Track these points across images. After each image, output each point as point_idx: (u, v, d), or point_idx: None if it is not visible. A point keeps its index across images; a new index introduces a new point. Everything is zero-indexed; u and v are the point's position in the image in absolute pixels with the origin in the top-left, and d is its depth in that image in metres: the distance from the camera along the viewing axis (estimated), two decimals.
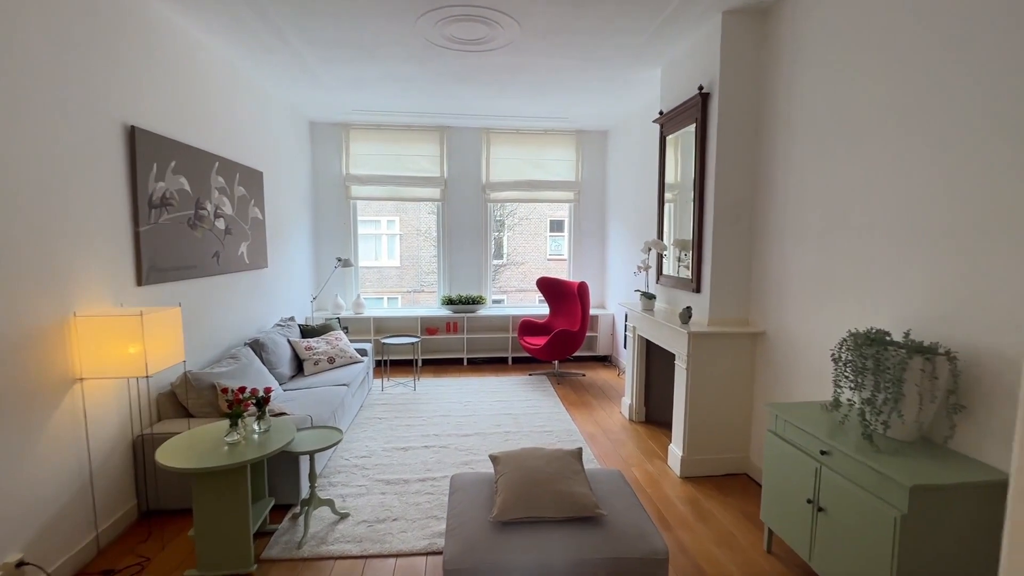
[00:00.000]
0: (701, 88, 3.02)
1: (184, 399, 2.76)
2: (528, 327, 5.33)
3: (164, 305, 2.78)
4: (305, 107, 4.92)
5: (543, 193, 5.92)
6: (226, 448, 2.16)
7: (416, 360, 5.42)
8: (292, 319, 4.37)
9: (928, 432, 1.87)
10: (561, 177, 5.92)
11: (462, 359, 5.74)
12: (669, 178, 3.61)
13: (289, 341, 4.01)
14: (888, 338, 1.89)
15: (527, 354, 5.72)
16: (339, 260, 5.15)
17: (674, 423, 3.17)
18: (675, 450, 3.12)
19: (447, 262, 5.87)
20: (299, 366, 4.02)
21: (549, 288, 5.47)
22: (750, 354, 3.01)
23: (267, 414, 2.38)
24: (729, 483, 2.96)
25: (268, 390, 2.40)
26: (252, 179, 3.95)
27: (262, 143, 4.21)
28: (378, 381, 4.95)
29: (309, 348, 4.05)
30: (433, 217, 6.14)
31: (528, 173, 5.84)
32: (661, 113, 3.65)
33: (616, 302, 5.62)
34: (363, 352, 4.52)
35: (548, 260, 14.12)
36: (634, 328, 3.92)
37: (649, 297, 3.64)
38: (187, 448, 2.15)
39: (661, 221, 3.71)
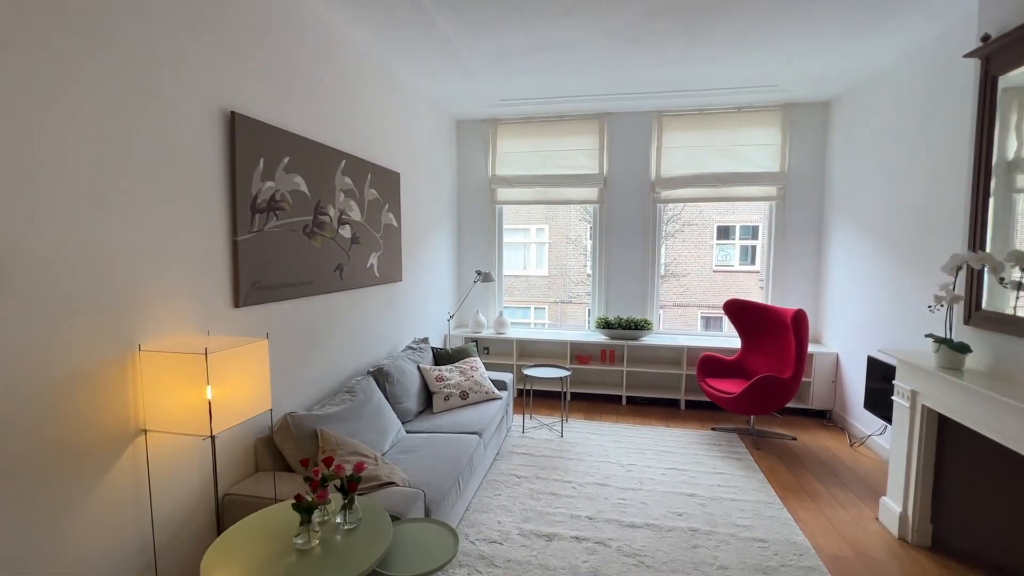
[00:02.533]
0: None
1: (283, 448, 2.22)
2: (711, 365, 4.03)
3: (265, 331, 2.28)
4: (448, 102, 4.38)
5: (735, 189, 4.55)
6: (292, 557, 1.47)
7: (564, 396, 4.49)
8: (426, 341, 3.80)
9: None
10: (760, 168, 4.48)
11: (620, 397, 4.66)
12: (1009, 152, 2.10)
13: (419, 368, 3.41)
14: None
15: (707, 399, 4.40)
16: (478, 274, 4.50)
17: None
18: None
19: (603, 277, 4.86)
20: (428, 399, 3.39)
21: (743, 314, 4.09)
22: None
23: (355, 505, 1.65)
24: None
25: (360, 467, 1.68)
26: (387, 181, 3.45)
27: (400, 141, 3.72)
28: (518, 418, 4.15)
29: (440, 379, 3.40)
30: (585, 224, 5.18)
31: (713, 164, 4.54)
32: (985, 40, 2.16)
33: (842, 340, 3.99)
34: (502, 385, 3.75)
35: (714, 272, 12.17)
36: (914, 393, 2.43)
37: (957, 348, 2.16)
38: (247, 545, 1.51)
39: (981, 224, 2.20)
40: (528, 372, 3.92)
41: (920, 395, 2.39)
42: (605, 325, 4.62)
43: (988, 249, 2.16)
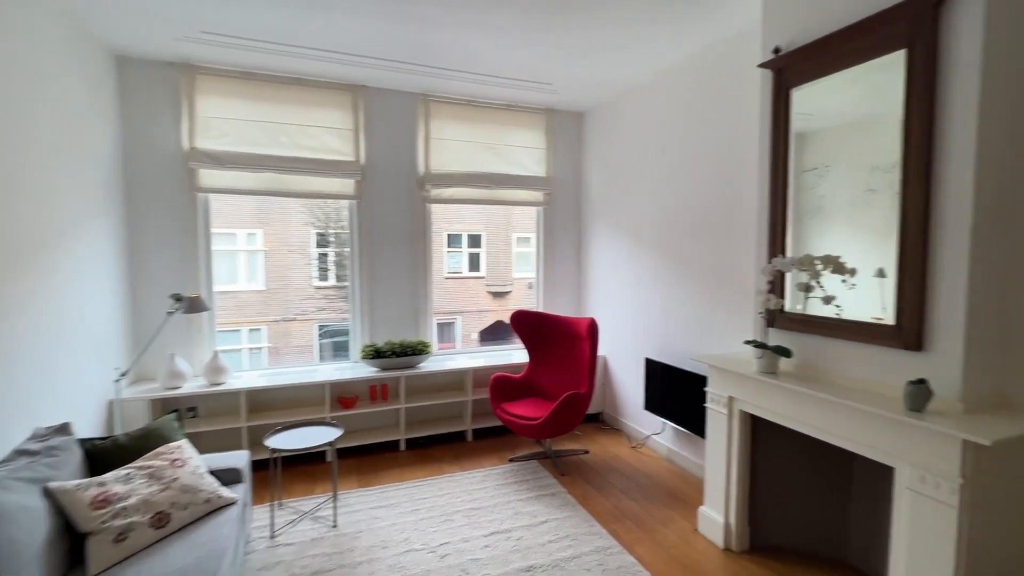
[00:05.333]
0: None
1: None
2: (505, 388, 3.56)
3: None
4: (100, 18, 2.62)
5: (506, 192, 4.22)
6: None
7: (334, 467, 3.30)
8: (64, 430, 2.05)
9: None
10: (528, 171, 4.29)
11: (398, 442, 3.73)
12: (807, 158, 2.20)
13: (49, 492, 1.74)
14: None
15: (499, 423, 3.92)
16: (177, 300, 2.85)
17: None
18: None
19: (366, 293, 3.84)
20: (77, 549, 1.77)
21: (532, 326, 3.77)
22: None
23: None
24: None
25: None
26: None
27: None
28: (263, 513, 2.76)
29: (105, 500, 1.82)
30: (311, 229, 4.08)
31: (484, 163, 4.11)
32: (776, 52, 2.25)
33: (609, 344, 4.12)
34: (232, 476, 2.34)
35: (445, 279, 12.32)
36: (731, 400, 2.41)
37: (781, 353, 2.17)
38: None
39: (782, 231, 2.29)
40: (274, 444, 2.60)
41: (737, 400, 2.39)
42: (375, 355, 3.62)
43: (790, 253, 2.25)
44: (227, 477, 2.29)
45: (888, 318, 1.85)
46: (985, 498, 1.56)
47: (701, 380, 2.87)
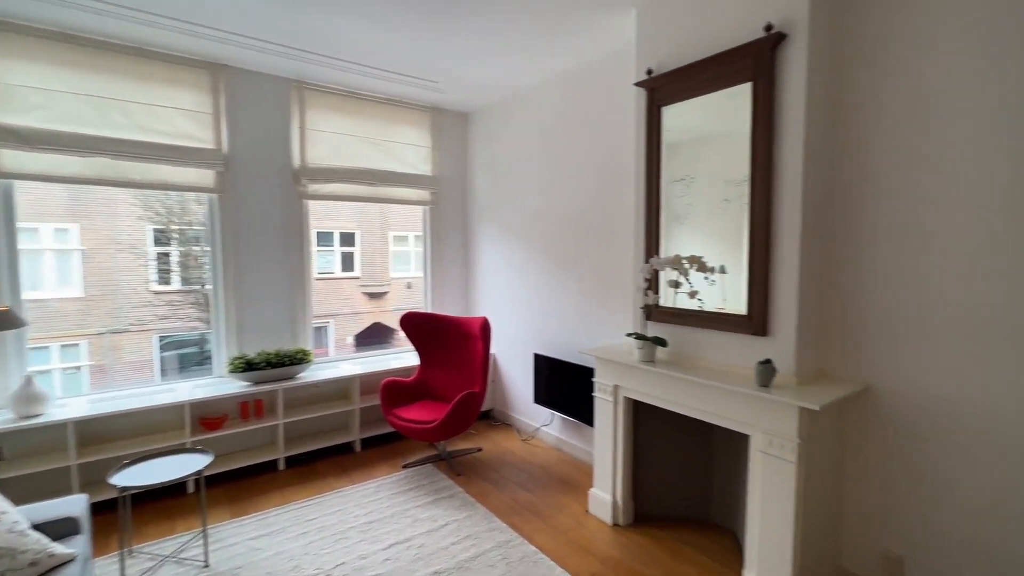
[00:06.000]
0: (770, 27, 1.99)
1: None
2: (396, 393, 3.44)
3: None
4: None
5: (391, 190, 4.07)
6: None
7: (201, 499, 2.89)
8: None
9: None
10: (415, 169, 4.19)
11: (276, 462, 3.38)
12: (676, 170, 2.48)
13: None
14: None
15: (385, 431, 3.78)
16: None
17: (756, 546, 2.03)
18: None
19: (231, 299, 3.41)
20: None
21: (423, 329, 3.69)
22: (841, 423, 2.11)
23: None
24: None
25: None
26: None
27: None
28: (110, 566, 2.30)
29: None
30: (145, 224, 3.60)
31: (367, 159, 3.92)
32: (649, 73, 2.50)
33: (498, 341, 4.22)
34: (66, 528, 1.91)
35: (316, 280, 11.49)
36: (616, 387, 2.63)
37: (658, 343, 2.42)
38: None
39: (655, 232, 2.55)
40: (123, 481, 2.18)
41: (621, 388, 2.61)
42: (247, 367, 3.24)
43: (663, 252, 2.52)
44: (60, 529, 1.87)
45: (742, 309, 2.18)
46: (812, 453, 1.93)
47: (587, 371, 3.09)
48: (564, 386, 3.48)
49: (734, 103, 2.17)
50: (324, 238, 11.18)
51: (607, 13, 2.63)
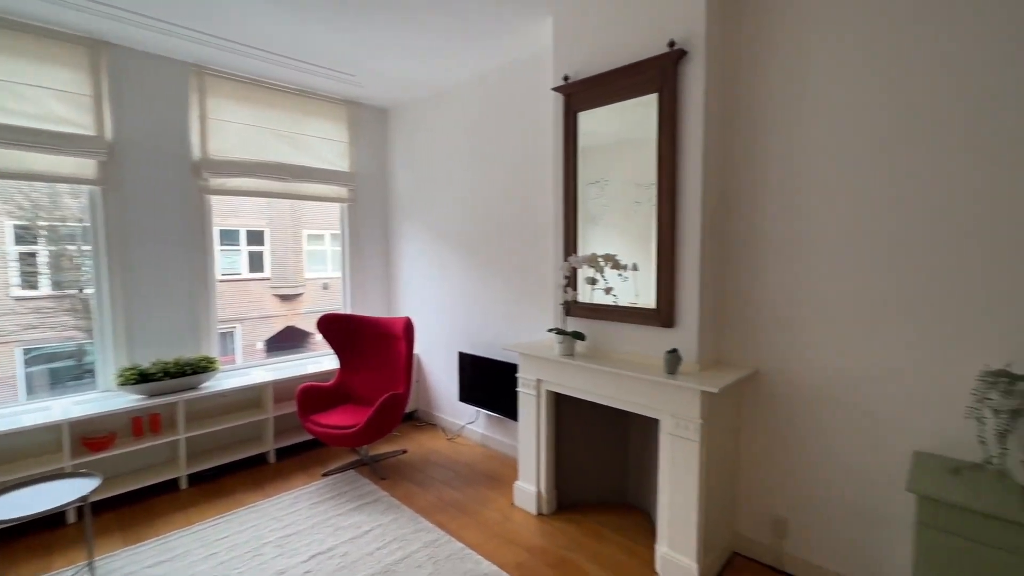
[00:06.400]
0: (673, 44, 2.17)
1: None
2: (314, 398, 3.29)
3: None
4: None
5: (305, 186, 3.88)
6: None
7: (86, 526, 2.57)
8: None
9: None
10: (331, 165, 4.02)
11: (176, 480, 3.09)
12: (592, 173, 2.60)
13: None
14: None
15: (302, 440, 3.60)
16: None
17: (667, 521, 2.20)
18: (686, 562, 2.15)
19: (119, 303, 3.07)
20: None
21: (343, 331, 3.56)
22: (736, 404, 2.35)
23: None
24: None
25: None
26: None
27: None
28: None
29: None
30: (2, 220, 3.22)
31: (278, 152, 3.70)
32: (566, 79, 2.61)
33: (421, 341, 4.18)
34: None
35: (220, 282, 10.64)
36: (539, 381, 2.72)
37: (577, 337, 2.54)
38: None
39: (573, 232, 2.67)
40: None
41: (544, 382, 2.71)
42: (140, 378, 2.93)
43: (580, 251, 2.65)
44: None
45: (652, 303, 2.35)
46: (712, 432, 2.13)
47: (511, 368, 3.16)
48: (489, 383, 3.53)
49: (644, 112, 2.33)
50: (229, 236, 10.37)
51: (524, 19, 2.71)
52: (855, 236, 2.00)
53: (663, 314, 2.30)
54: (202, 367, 3.18)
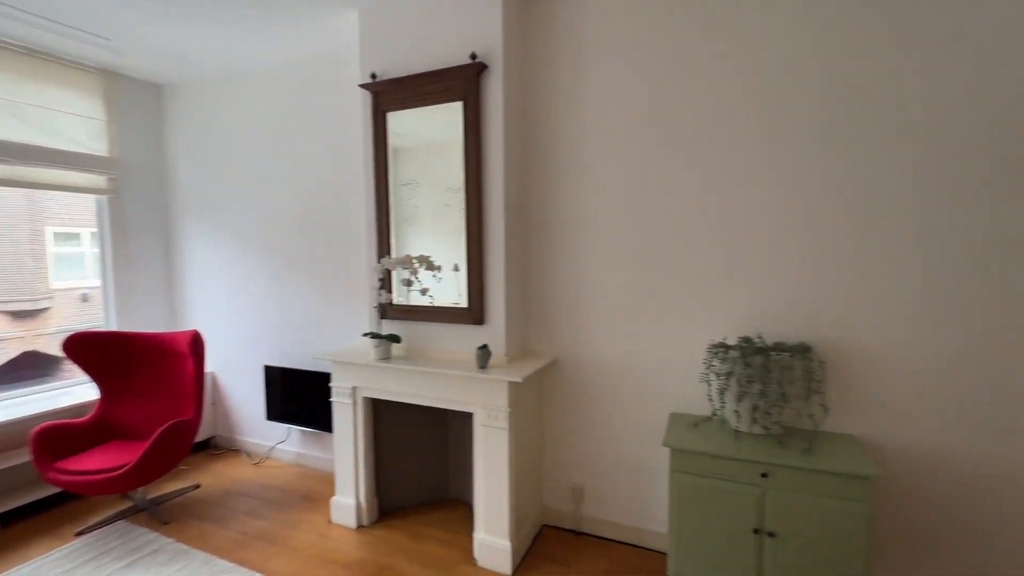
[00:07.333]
0: (475, 56, 2.29)
1: None
2: (60, 440, 2.61)
3: None
4: None
5: (46, 172, 3.04)
6: None
7: None
8: None
9: (793, 421, 2.10)
10: (83, 148, 3.23)
11: None
12: (404, 174, 2.58)
13: None
14: (757, 344, 2.02)
15: (52, 490, 2.83)
16: None
17: (483, 507, 2.32)
18: (501, 543, 2.28)
19: None
20: None
21: (101, 353, 2.89)
22: (538, 388, 2.59)
23: None
24: (571, 546, 2.46)
25: None
26: None
27: None
28: None
29: None
30: None
31: (5, 127, 2.85)
32: (373, 77, 2.56)
33: (216, 358, 3.65)
34: None
35: None
36: (354, 389, 2.60)
37: (392, 340, 2.50)
38: None
39: (386, 233, 2.62)
40: None
41: (360, 388, 2.60)
42: None
43: (394, 253, 2.61)
44: None
45: (464, 302, 2.44)
46: (519, 419, 2.32)
47: (326, 377, 2.97)
48: (302, 397, 3.26)
49: (452, 116, 2.41)
50: None
51: (328, 8, 2.57)
52: (628, 235, 2.37)
53: (474, 312, 2.42)
54: None
